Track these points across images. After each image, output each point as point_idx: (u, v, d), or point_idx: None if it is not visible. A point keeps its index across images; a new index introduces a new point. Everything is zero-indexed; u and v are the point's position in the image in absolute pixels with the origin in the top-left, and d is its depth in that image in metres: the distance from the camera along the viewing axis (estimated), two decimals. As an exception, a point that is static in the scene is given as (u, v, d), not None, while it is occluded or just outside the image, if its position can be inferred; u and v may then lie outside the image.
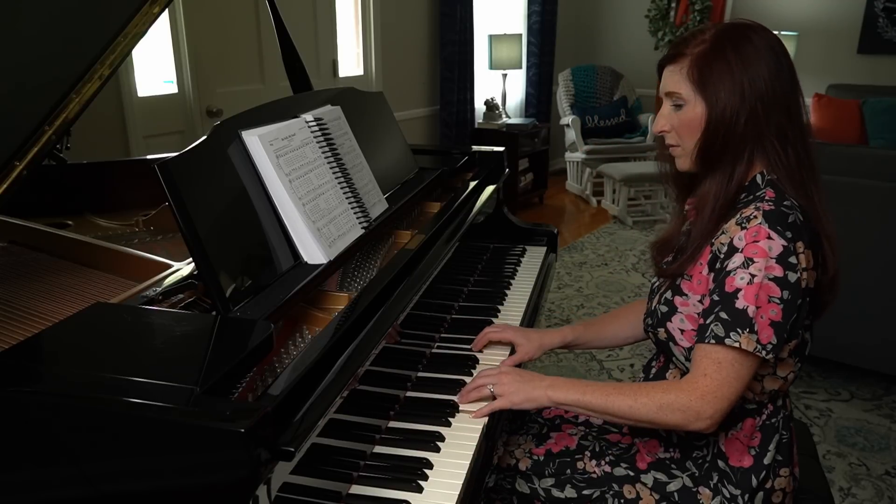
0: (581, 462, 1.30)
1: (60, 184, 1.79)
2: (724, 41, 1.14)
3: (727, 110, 1.13)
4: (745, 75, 1.12)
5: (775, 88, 1.12)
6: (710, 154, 1.17)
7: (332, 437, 1.01)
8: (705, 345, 1.09)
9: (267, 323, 0.93)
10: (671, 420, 1.09)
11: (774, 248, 1.07)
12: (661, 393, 1.10)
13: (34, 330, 1.11)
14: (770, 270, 1.06)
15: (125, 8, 1.34)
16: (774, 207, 1.10)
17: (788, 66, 1.14)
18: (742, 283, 1.07)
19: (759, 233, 1.08)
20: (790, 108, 1.14)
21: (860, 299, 2.49)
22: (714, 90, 1.14)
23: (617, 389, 1.15)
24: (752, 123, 1.13)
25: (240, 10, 3.23)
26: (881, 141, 4.65)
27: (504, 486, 1.34)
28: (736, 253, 1.09)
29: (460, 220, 1.62)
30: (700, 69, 1.15)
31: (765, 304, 1.06)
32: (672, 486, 1.21)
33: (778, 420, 1.20)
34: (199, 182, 1.05)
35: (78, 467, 0.79)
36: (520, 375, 1.24)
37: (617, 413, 1.14)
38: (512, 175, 4.85)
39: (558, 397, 1.19)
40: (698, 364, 1.09)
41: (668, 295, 1.23)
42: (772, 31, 1.17)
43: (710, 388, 1.07)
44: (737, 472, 1.18)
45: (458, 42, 4.61)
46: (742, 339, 1.05)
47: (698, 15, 5.37)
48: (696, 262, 1.19)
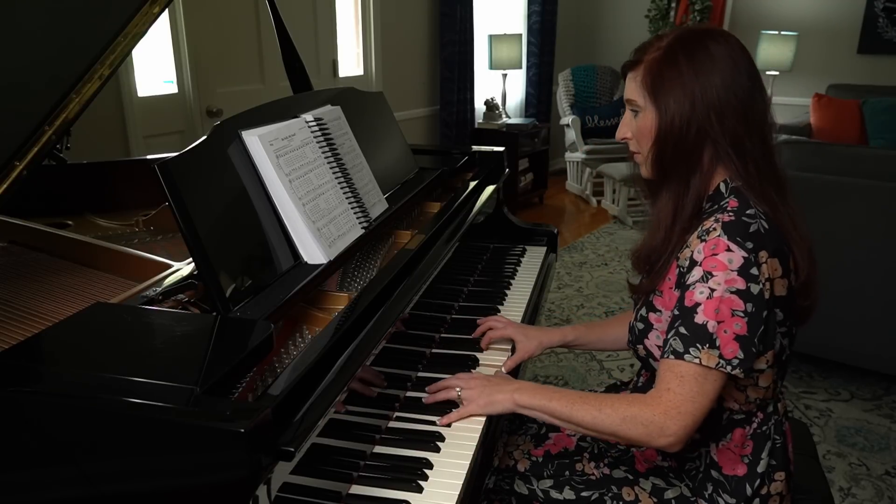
0: (580, 464, 1.30)
1: (60, 184, 1.79)
2: (678, 48, 1.11)
3: (676, 119, 1.10)
4: (697, 83, 1.09)
5: (730, 98, 1.09)
6: (663, 163, 1.15)
7: (332, 437, 1.01)
8: (667, 360, 1.06)
9: (267, 323, 0.94)
10: (634, 434, 1.06)
11: (735, 260, 1.04)
12: (625, 405, 1.08)
13: (34, 330, 1.11)
14: (731, 283, 1.03)
15: (125, 8, 1.34)
16: (734, 218, 1.07)
17: (749, 75, 1.11)
18: (701, 297, 1.04)
19: (718, 245, 1.05)
20: (748, 118, 1.10)
21: (860, 299, 2.50)
22: (664, 98, 1.11)
23: (582, 399, 1.13)
24: (703, 133, 1.10)
25: (240, 10, 3.23)
26: (881, 141, 4.65)
27: (503, 487, 1.34)
28: (696, 266, 1.06)
29: (460, 220, 1.62)
30: (652, 76, 1.12)
31: (728, 318, 1.02)
32: (670, 494, 1.21)
33: (769, 427, 1.18)
34: (199, 182, 1.05)
35: (78, 467, 0.79)
36: (487, 380, 1.24)
37: (580, 423, 1.12)
38: (512, 175, 4.85)
39: (523, 401, 1.17)
40: (662, 378, 1.07)
41: (643, 312, 1.21)
42: (735, 39, 1.13)
43: (673, 403, 1.04)
44: (731, 480, 1.17)
45: (458, 42, 4.60)
46: (702, 355, 1.03)
47: (698, 15, 5.37)
48: (664, 277, 1.16)
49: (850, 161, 2.55)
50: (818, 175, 2.52)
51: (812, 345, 2.69)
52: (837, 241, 2.50)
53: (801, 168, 2.58)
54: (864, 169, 2.49)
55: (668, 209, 1.16)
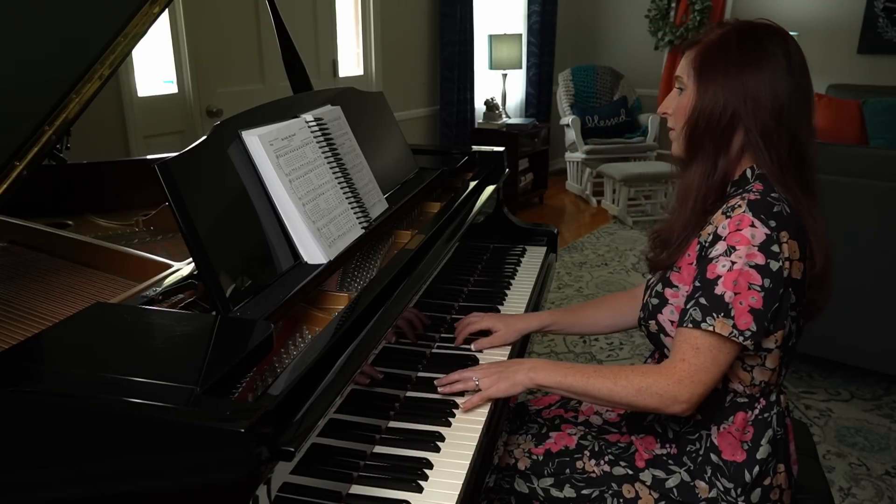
0: (580, 462, 1.30)
1: (60, 184, 1.79)
2: (734, 36, 1.16)
3: (712, 102, 1.14)
4: (742, 72, 1.12)
5: (769, 92, 1.12)
6: (693, 141, 1.18)
7: (332, 437, 1.01)
8: (684, 329, 1.10)
9: (267, 323, 0.93)
10: (649, 403, 1.11)
11: (757, 235, 1.07)
12: (640, 376, 1.12)
13: (34, 330, 1.11)
14: (751, 258, 1.07)
15: (125, 8, 1.34)
16: (760, 198, 1.11)
17: (797, 80, 1.14)
18: (723, 270, 1.08)
19: (743, 221, 1.09)
20: (782, 115, 1.13)
21: (860, 299, 2.49)
22: (707, 81, 1.15)
23: (598, 372, 1.17)
24: (736, 118, 1.14)
25: (240, 10, 3.23)
26: (881, 141, 4.65)
27: (503, 485, 1.34)
28: (719, 241, 1.10)
29: (460, 220, 1.62)
30: (702, 58, 1.17)
31: (744, 291, 1.06)
32: (670, 483, 1.22)
33: (771, 415, 1.20)
34: (199, 182, 1.05)
35: (78, 467, 0.79)
36: (500, 364, 1.27)
37: (597, 395, 1.16)
38: (512, 175, 4.85)
39: (540, 379, 1.21)
40: (678, 348, 1.11)
41: (658, 288, 1.24)
42: (795, 43, 1.16)
43: (687, 372, 1.08)
44: (730, 465, 1.19)
45: (458, 42, 4.61)
46: (717, 324, 1.06)
47: (698, 15, 5.37)
48: (683, 253, 1.20)
49: (850, 161, 2.55)
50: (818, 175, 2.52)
51: (812, 345, 2.69)
52: (837, 241, 2.48)
53: (801, 168, 2.58)
54: (864, 169, 2.49)
55: (693, 184, 1.19)
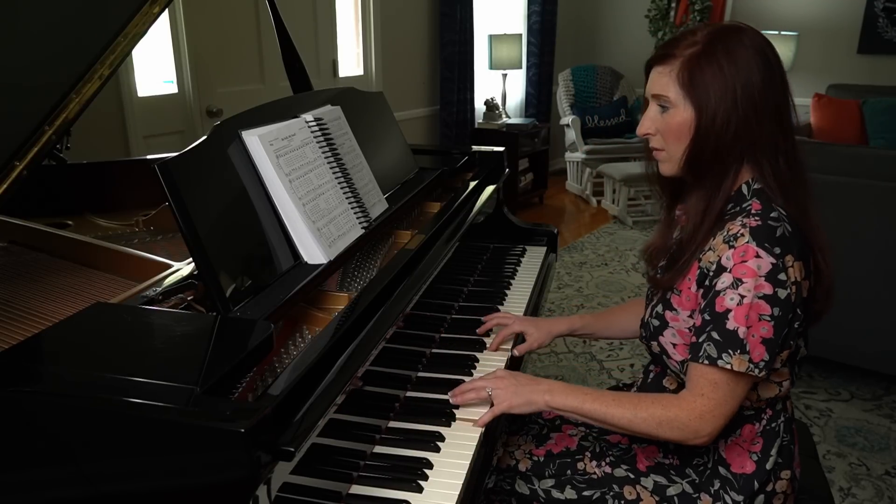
0: (581, 463, 1.30)
1: (61, 184, 1.79)
2: (717, 44, 1.10)
3: (718, 116, 1.08)
4: (738, 80, 1.08)
5: (767, 96, 1.09)
6: (699, 162, 1.13)
7: (332, 437, 1.01)
8: (699, 365, 1.08)
9: (267, 323, 0.93)
10: (670, 436, 1.10)
11: (763, 266, 1.05)
12: (660, 409, 1.10)
13: (34, 330, 1.11)
14: (760, 289, 1.04)
15: (125, 8, 1.34)
16: (761, 223, 1.08)
17: (780, 73, 1.11)
18: (732, 303, 1.05)
19: (748, 252, 1.05)
20: (781, 118, 1.11)
21: (860, 299, 2.49)
22: (705, 95, 1.09)
23: (616, 401, 1.14)
24: (743, 132, 1.09)
25: (240, 10, 3.23)
26: (881, 141, 4.65)
27: (504, 486, 1.34)
28: (724, 272, 1.07)
29: (460, 220, 1.62)
30: (691, 72, 1.10)
31: (755, 324, 1.04)
32: (672, 491, 1.21)
33: (778, 424, 1.20)
34: (199, 182, 1.05)
35: (78, 467, 0.79)
36: (516, 379, 1.22)
37: (616, 424, 1.14)
38: (512, 175, 4.85)
39: (557, 403, 1.17)
40: (695, 383, 1.09)
41: (659, 309, 1.21)
42: (763, 35, 1.12)
43: (707, 407, 1.07)
44: (739, 478, 1.18)
45: (458, 42, 4.60)
46: (734, 361, 1.04)
47: (698, 15, 5.37)
48: (684, 276, 1.16)
49: (850, 161, 2.55)
50: (818, 175, 2.51)
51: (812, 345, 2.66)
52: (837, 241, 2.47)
53: (801, 168, 2.58)
54: (864, 169, 2.49)
55: (699, 209, 1.15)
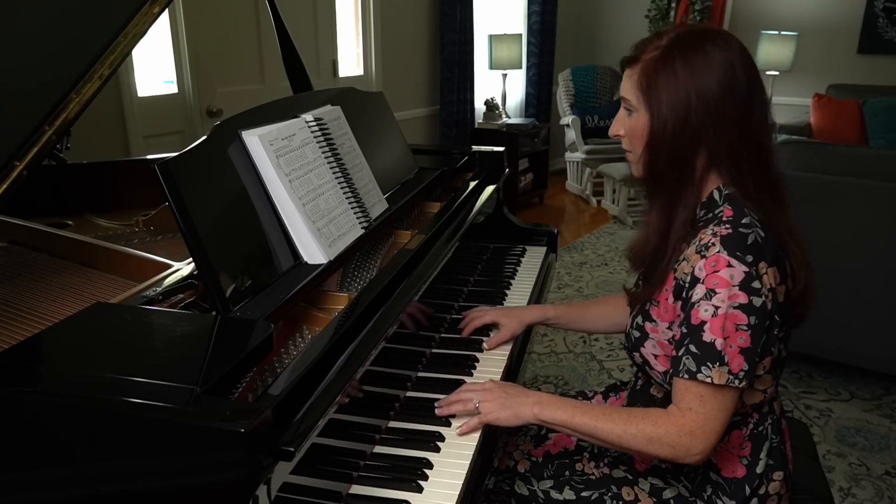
0: (580, 464, 1.30)
1: (60, 184, 1.79)
2: (675, 49, 1.08)
3: (669, 123, 1.07)
4: (692, 88, 1.05)
5: (726, 104, 1.06)
6: (655, 169, 1.12)
7: (332, 437, 1.01)
8: (682, 379, 1.06)
9: (267, 323, 0.94)
10: (661, 453, 1.07)
11: (736, 275, 1.03)
12: (650, 426, 1.07)
13: (34, 330, 1.11)
14: (734, 299, 1.02)
15: (125, 8, 1.34)
16: (732, 231, 1.06)
17: (748, 79, 1.07)
18: (707, 315, 1.03)
19: (719, 262, 1.04)
20: (744, 125, 1.08)
21: (860, 299, 2.50)
22: (658, 101, 1.08)
23: (606, 415, 1.11)
24: (697, 139, 1.07)
25: (240, 10, 3.23)
26: (881, 141, 4.65)
27: (503, 487, 1.34)
28: (698, 284, 1.05)
29: (460, 220, 1.62)
30: (647, 77, 1.09)
31: (732, 334, 1.02)
32: (668, 493, 1.21)
33: (766, 427, 1.18)
34: (199, 182, 1.05)
35: (78, 467, 0.79)
36: (505, 391, 1.20)
37: (605, 440, 1.11)
38: (512, 175, 4.85)
39: (546, 416, 1.15)
40: (681, 397, 1.07)
41: (639, 320, 1.20)
42: (735, 40, 1.09)
43: (697, 423, 1.04)
44: (731, 483, 1.17)
45: (458, 42, 4.60)
46: (714, 374, 1.02)
47: (698, 15, 5.37)
48: (660, 288, 1.15)
49: (850, 161, 2.55)
50: (818, 175, 2.52)
51: (812, 345, 2.69)
52: (837, 241, 2.50)
53: (801, 168, 2.58)
54: (864, 169, 2.49)
55: (661, 221, 1.14)
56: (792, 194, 1.17)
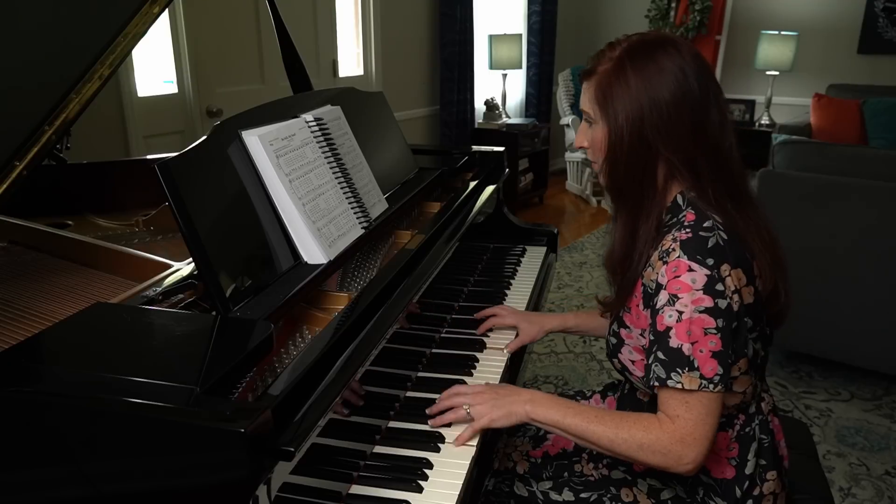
0: (579, 465, 1.30)
1: (60, 184, 1.79)
2: (626, 60, 1.08)
3: (624, 135, 1.08)
4: (645, 98, 1.06)
5: (680, 112, 1.06)
6: (616, 180, 1.13)
7: (332, 437, 1.01)
8: (659, 387, 1.05)
9: (267, 323, 0.94)
10: (652, 461, 1.05)
11: (698, 279, 1.02)
12: (641, 431, 1.06)
13: (34, 330, 1.11)
14: (698, 303, 1.01)
15: (125, 8, 1.34)
16: (691, 235, 1.05)
17: (701, 86, 1.07)
18: (671, 320, 1.03)
19: (679, 266, 1.03)
20: (699, 133, 1.07)
21: (860, 299, 2.50)
22: (613, 113, 1.09)
23: (598, 418, 1.10)
24: (654, 150, 1.08)
25: (240, 10, 3.23)
26: (881, 141, 4.65)
27: (502, 489, 1.34)
28: (661, 290, 1.05)
29: (460, 220, 1.62)
30: (602, 90, 1.10)
31: (701, 338, 1.01)
32: (666, 494, 1.21)
33: (753, 428, 1.17)
34: (199, 182, 1.05)
35: (78, 467, 0.79)
36: (496, 392, 1.19)
37: (596, 443, 1.10)
38: (512, 175, 4.85)
39: (538, 414, 1.14)
40: (666, 405, 1.05)
41: (614, 327, 1.20)
42: (687, 47, 1.09)
43: (686, 430, 1.03)
44: (721, 483, 1.17)
45: (458, 42, 4.60)
46: (684, 379, 1.02)
47: (698, 15, 5.37)
48: (631, 295, 1.15)
49: (850, 161, 2.55)
50: (818, 175, 2.52)
51: (812, 345, 2.69)
52: (837, 241, 2.50)
53: (801, 168, 2.58)
54: (864, 169, 2.49)
55: (625, 231, 1.15)
56: (792, 194, 1.17)
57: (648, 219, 1.12)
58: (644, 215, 1.12)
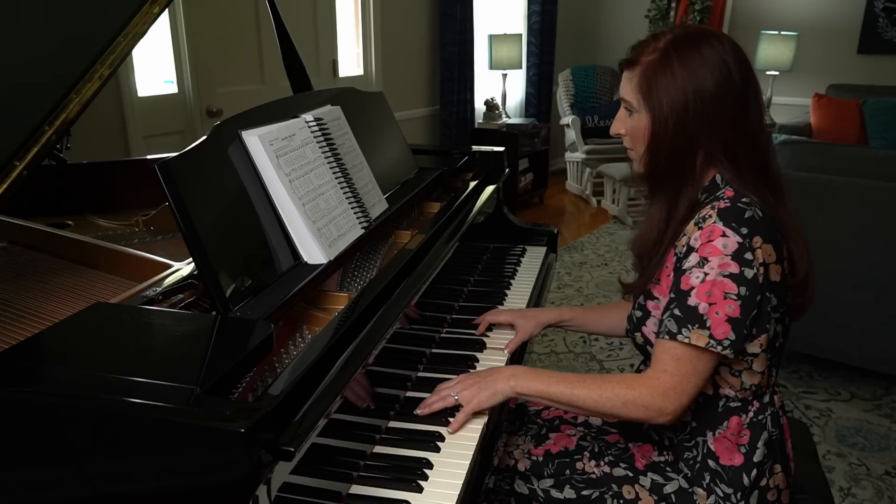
0: (580, 462, 1.30)
1: (60, 184, 1.79)
2: (672, 51, 1.11)
3: (669, 125, 1.11)
4: (690, 88, 1.09)
5: (722, 104, 1.09)
6: (657, 168, 1.16)
7: (332, 437, 1.01)
8: (662, 340, 1.09)
9: (267, 323, 0.93)
10: (635, 415, 1.10)
11: (729, 245, 1.06)
12: (625, 389, 1.11)
13: (34, 330, 1.11)
14: (724, 267, 1.05)
15: (125, 8, 1.34)
16: (731, 205, 1.09)
17: (742, 79, 1.10)
18: (696, 281, 1.07)
19: (714, 231, 1.07)
20: (740, 125, 1.11)
21: (860, 299, 2.50)
22: (658, 102, 1.11)
23: (581, 382, 1.15)
24: (696, 139, 1.11)
25: (240, 10, 3.23)
26: (881, 141, 4.65)
27: (503, 487, 1.34)
28: (692, 253, 1.09)
29: (460, 220, 1.62)
30: (647, 79, 1.13)
31: (720, 301, 1.05)
32: (669, 488, 1.21)
33: (765, 417, 1.19)
34: (199, 182, 1.05)
35: (78, 467, 0.79)
36: (478, 375, 1.23)
37: (581, 406, 1.14)
38: (512, 175, 4.85)
39: (521, 387, 1.18)
40: (658, 359, 1.10)
41: (641, 300, 1.23)
42: (729, 40, 1.12)
43: (670, 384, 1.07)
44: (728, 470, 1.18)
45: (458, 42, 4.60)
46: (692, 335, 1.05)
47: (698, 15, 5.37)
48: (662, 266, 1.19)
49: (850, 161, 2.55)
50: (818, 175, 2.52)
51: (812, 345, 2.69)
52: (837, 241, 2.50)
53: (801, 168, 2.58)
54: (864, 169, 2.49)
55: (661, 216, 1.18)
56: (792, 194, 1.19)
57: (685, 205, 1.15)
58: (682, 202, 1.16)
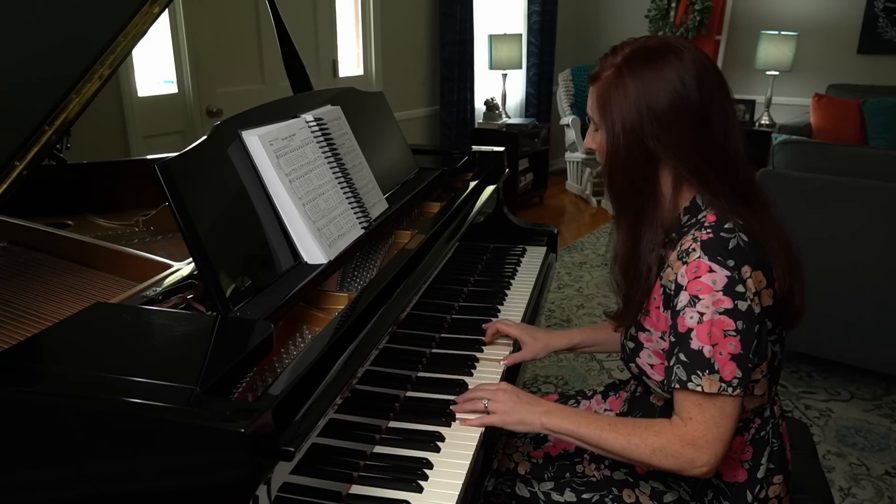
0: (580, 465, 1.30)
1: (60, 184, 1.79)
2: (625, 68, 1.07)
3: (622, 143, 1.07)
4: (644, 106, 1.05)
5: (679, 122, 1.04)
6: (615, 187, 1.12)
7: (332, 437, 1.01)
8: (677, 390, 1.04)
9: (267, 323, 0.94)
10: (666, 465, 1.05)
11: (718, 280, 1.01)
12: (653, 436, 1.06)
13: (34, 330, 1.11)
14: (718, 304, 1.00)
15: (125, 8, 1.34)
16: (713, 235, 1.04)
17: (702, 93, 1.05)
18: (692, 322, 1.02)
19: (700, 267, 1.02)
20: (702, 140, 1.06)
21: (860, 299, 2.50)
22: (612, 120, 1.08)
23: (611, 426, 1.10)
24: (653, 158, 1.07)
25: (240, 10, 3.23)
26: (881, 141, 4.65)
27: (503, 489, 1.34)
28: (682, 291, 1.04)
29: (460, 220, 1.62)
30: (603, 95, 1.09)
31: (721, 340, 1.00)
32: (669, 497, 1.20)
33: (767, 432, 1.17)
34: (199, 182, 1.05)
35: (78, 467, 0.79)
36: (517, 396, 1.21)
37: (610, 450, 1.10)
38: (512, 175, 4.85)
39: (552, 425, 1.15)
40: (681, 407, 1.05)
41: (632, 331, 1.19)
42: (690, 53, 1.06)
43: (698, 432, 1.02)
44: (732, 487, 1.16)
45: (458, 42, 4.60)
46: (704, 382, 1.01)
47: (698, 15, 5.36)
48: (649, 297, 1.14)
49: (850, 161, 2.55)
50: (818, 175, 2.52)
51: (812, 345, 2.69)
52: (837, 241, 2.50)
53: (801, 168, 2.58)
54: (864, 169, 2.49)
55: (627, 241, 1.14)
56: (792, 194, 1.16)
57: (651, 227, 1.11)
58: (646, 223, 1.11)
